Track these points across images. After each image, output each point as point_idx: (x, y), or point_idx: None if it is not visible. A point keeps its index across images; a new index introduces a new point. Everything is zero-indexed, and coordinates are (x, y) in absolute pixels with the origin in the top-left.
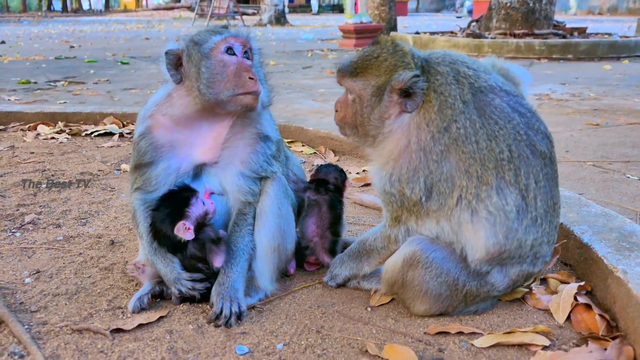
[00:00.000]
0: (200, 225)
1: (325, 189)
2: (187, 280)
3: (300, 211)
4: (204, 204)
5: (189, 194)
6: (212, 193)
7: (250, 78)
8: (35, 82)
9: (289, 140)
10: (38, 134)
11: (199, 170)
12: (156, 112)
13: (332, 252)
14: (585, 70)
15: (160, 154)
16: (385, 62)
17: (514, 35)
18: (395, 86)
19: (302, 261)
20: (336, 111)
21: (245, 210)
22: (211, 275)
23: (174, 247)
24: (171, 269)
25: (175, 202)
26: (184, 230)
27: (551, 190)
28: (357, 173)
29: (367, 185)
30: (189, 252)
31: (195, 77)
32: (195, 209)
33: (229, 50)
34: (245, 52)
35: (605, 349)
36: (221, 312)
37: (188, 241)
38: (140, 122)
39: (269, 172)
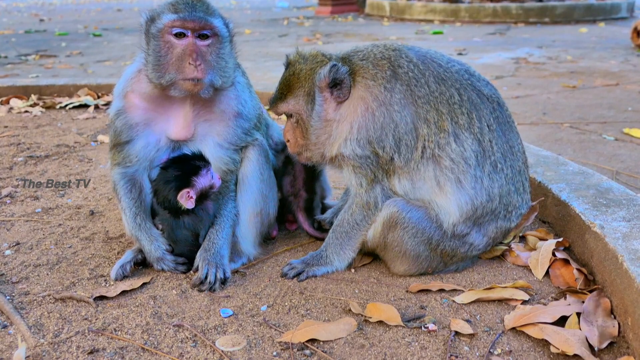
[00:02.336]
0: (203, 197)
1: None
2: (171, 261)
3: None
4: (212, 177)
5: (201, 163)
6: None
7: (190, 64)
8: (6, 57)
9: (268, 107)
10: (11, 108)
11: (177, 144)
12: (129, 89)
13: (308, 211)
14: (562, 34)
15: (136, 132)
16: (302, 72)
17: (491, 0)
18: (321, 85)
19: (283, 220)
20: (287, 141)
21: (227, 177)
22: (197, 247)
23: (171, 211)
24: (155, 247)
25: (185, 168)
26: (187, 199)
27: (505, 134)
28: None
29: None
30: (187, 224)
31: (145, 57)
32: (203, 180)
33: (178, 33)
34: (201, 34)
35: (583, 302)
36: (206, 278)
37: (185, 210)
38: (114, 100)
39: (248, 141)
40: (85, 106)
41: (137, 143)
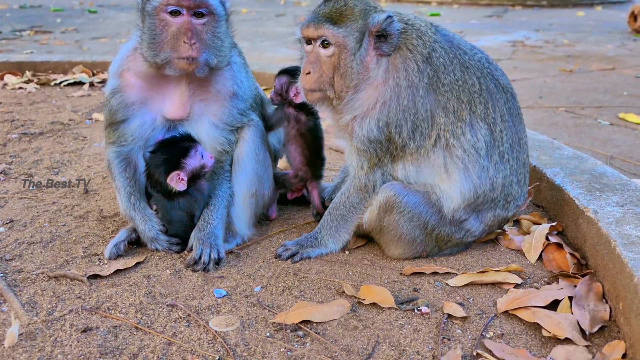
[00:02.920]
0: (195, 177)
1: (308, 111)
2: (164, 241)
3: (271, 126)
4: (202, 157)
5: (189, 144)
6: None
7: (184, 42)
8: (0, 32)
9: (264, 87)
10: (5, 84)
11: (173, 124)
12: (125, 68)
13: (319, 178)
14: (559, 17)
15: (132, 112)
16: (357, 8)
17: None
18: (372, 29)
19: (285, 193)
20: (307, 73)
21: (222, 158)
22: (192, 228)
23: (164, 194)
24: (149, 227)
25: (173, 150)
26: (177, 181)
27: (515, 126)
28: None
29: None
30: (181, 205)
31: (140, 35)
32: (192, 161)
33: (174, 11)
34: (197, 12)
35: (575, 286)
36: (200, 258)
37: (179, 192)
38: (110, 78)
39: (244, 122)
40: (80, 83)
41: (132, 122)
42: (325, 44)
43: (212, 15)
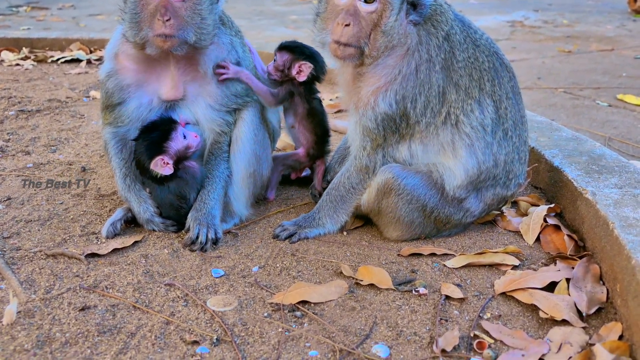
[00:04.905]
0: (181, 159)
1: (309, 89)
2: (160, 223)
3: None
4: (185, 137)
5: (169, 126)
6: (187, 123)
7: (158, 19)
8: None
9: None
10: (2, 61)
11: (170, 105)
12: (119, 50)
13: (328, 153)
14: None
15: (128, 94)
16: None
17: None
18: None
19: (288, 174)
20: (346, 25)
21: (220, 139)
22: (188, 210)
23: (153, 180)
24: (144, 209)
25: (154, 136)
26: (162, 165)
27: (518, 104)
28: (330, 100)
29: (340, 111)
30: (171, 189)
31: (122, 15)
32: (175, 144)
33: None
34: None
35: (573, 268)
36: (197, 238)
37: (167, 176)
38: (105, 61)
39: (240, 104)
40: (77, 61)
41: (129, 104)
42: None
43: None
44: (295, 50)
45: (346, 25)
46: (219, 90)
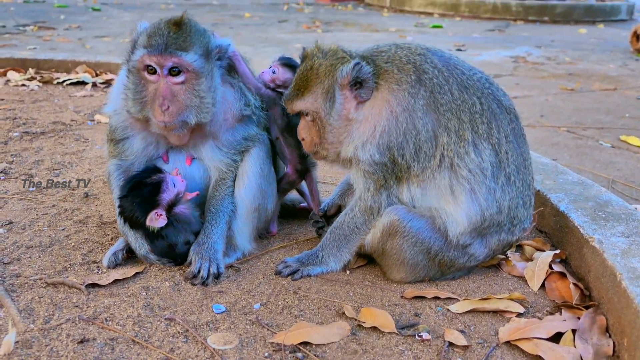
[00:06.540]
0: (171, 207)
1: None
2: (155, 260)
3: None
4: (174, 185)
5: (158, 178)
6: (193, 158)
7: (158, 107)
8: (4, 26)
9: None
10: (8, 80)
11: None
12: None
13: (314, 167)
14: (561, 34)
15: (132, 132)
16: (322, 68)
17: None
18: (342, 82)
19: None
20: (302, 139)
21: (226, 175)
22: (184, 255)
23: (147, 235)
24: (140, 245)
25: (145, 192)
26: (156, 218)
27: (520, 147)
28: None
29: None
30: (165, 238)
31: (125, 89)
32: (167, 195)
33: (150, 68)
34: (172, 69)
35: (579, 318)
36: (199, 272)
37: (162, 228)
38: (112, 100)
39: (248, 145)
40: (83, 83)
41: (133, 141)
42: (304, 114)
43: (190, 73)
44: (295, 68)
45: (302, 139)
46: (228, 134)
